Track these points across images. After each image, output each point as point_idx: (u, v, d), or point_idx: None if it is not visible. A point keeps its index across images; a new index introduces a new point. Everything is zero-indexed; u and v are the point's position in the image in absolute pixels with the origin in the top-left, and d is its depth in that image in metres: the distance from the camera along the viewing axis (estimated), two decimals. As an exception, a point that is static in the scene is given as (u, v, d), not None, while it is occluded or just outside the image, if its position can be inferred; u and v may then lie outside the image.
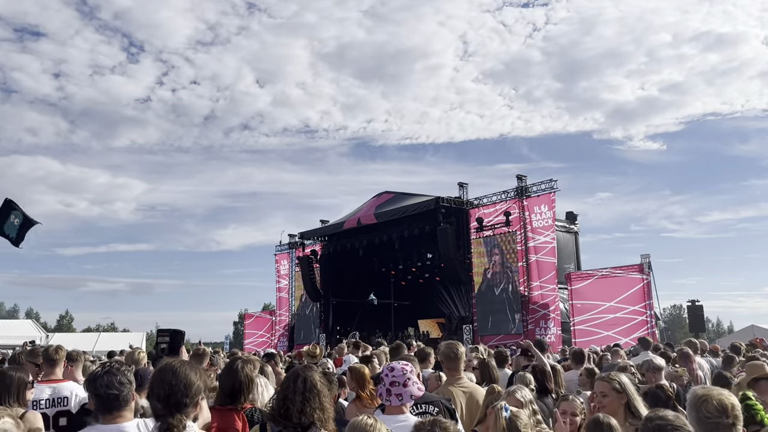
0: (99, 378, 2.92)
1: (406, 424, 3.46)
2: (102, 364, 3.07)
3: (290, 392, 3.24)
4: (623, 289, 23.28)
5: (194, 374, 2.73)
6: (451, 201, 28.11)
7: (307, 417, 3.18)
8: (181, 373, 2.68)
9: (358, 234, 31.85)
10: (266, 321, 39.88)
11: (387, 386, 3.58)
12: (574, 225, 29.81)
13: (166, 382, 2.65)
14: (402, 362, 3.78)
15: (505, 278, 26.69)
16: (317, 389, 3.29)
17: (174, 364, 2.73)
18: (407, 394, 3.58)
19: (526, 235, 26.27)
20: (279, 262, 39.43)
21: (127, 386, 2.96)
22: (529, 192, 26.72)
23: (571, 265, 27.82)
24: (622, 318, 22.87)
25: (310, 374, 3.36)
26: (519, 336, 24.99)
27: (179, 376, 2.66)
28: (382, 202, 32.09)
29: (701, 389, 2.51)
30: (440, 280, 32.75)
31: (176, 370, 2.68)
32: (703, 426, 2.40)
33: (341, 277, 33.67)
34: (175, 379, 2.65)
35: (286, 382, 3.33)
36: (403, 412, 3.58)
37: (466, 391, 4.90)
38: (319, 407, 3.24)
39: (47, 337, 31.01)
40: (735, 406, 2.43)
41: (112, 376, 2.97)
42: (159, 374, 2.70)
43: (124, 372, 3.00)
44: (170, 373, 2.67)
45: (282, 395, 3.28)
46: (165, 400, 2.61)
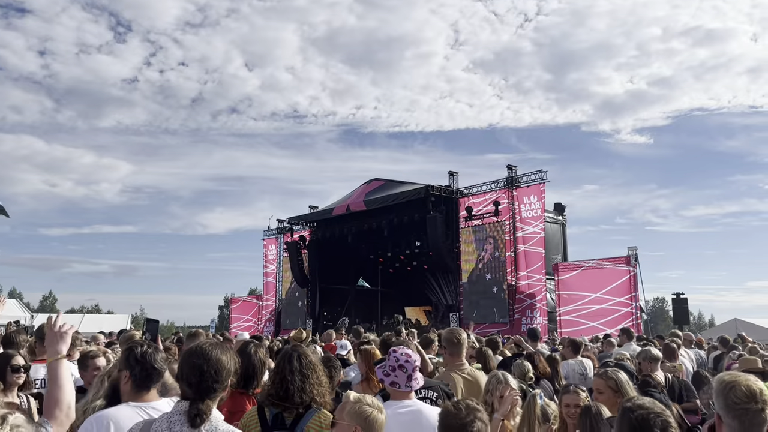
0: (144, 351, 2.95)
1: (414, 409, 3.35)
2: (135, 341, 3.13)
3: (287, 372, 3.21)
4: (609, 280, 23.34)
5: (225, 357, 2.63)
6: (441, 189, 28.02)
7: (307, 395, 3.18)
8: (212, 356, 2.57)
9: (347, 221, 31.72)
10: (253, 306, 39.73)
11: (410, 372, 3.50)
12: (562, 216, 29.86)
13: (197, 366, 2.54)
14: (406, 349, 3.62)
15: (493, 267, 26.69)
16: (313, 365, 3.30)
17: (205, 346, 2.61)
18: (418, 381, 3.55)
19: (515, 225, 26.27)
20: (267, 247, 39.23)
21: (163, 364, 3.03)
22: (518, 182, 26.69)
23: (559, 256, 27.87)
24: (607, 309, 22.94)
25: (303, 351, 3.37)
26: (505, 325, 25.07)
27: (211, 360, 2.56)
28: (372, 189, 31.94)
29: (728, 375, 2.43)
30: (428, 268, 32.75)
31: (207, 354, 2.57)
32: (731, 412, 2.33)
33: (329, 264, 33.56)
34: (206, 363, 2.55)
35: (282, 362, 3.28)
36: (410, 398, 3.47)
37: (467, 378, 4.82)
38: (317, 383, 3.25)
39: (32, 317, 30.61)
40: (763, 391, 2.38)
41: (155, 351, 3.01)
42: (189, 358, 2.59)
43: (159, 350, 3.06)
44: (201, 357, 2.56)
45: (279, 376, 3.19)
46: (196, 386, 2.51)
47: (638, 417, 2.45)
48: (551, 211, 28.95)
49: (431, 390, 4.12)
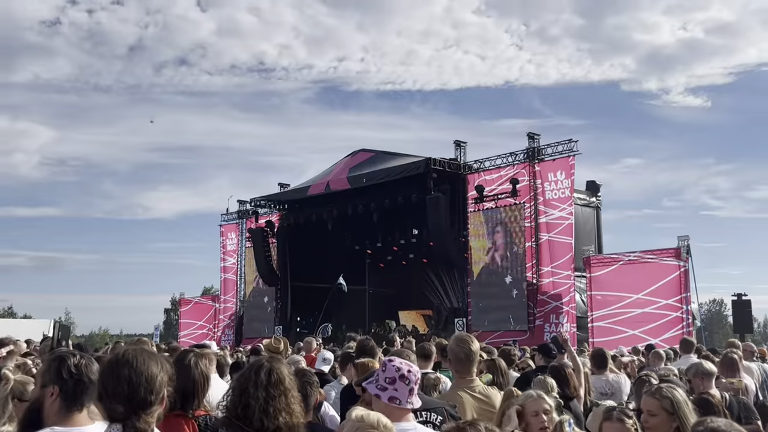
0: (79, 362, 2.94)
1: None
2: (66, 350, 3.17)
3: (251, 386, 3.17)
4: (654, 278, 23.50)
5: (155, 364, 2.72)
6: (445, 164, 28.08)
7: (271, 420, 3.12)
8: (139, 364, 2.66)
9: (327, 202, 31.72)
10: (207, 308, 39.80)
11: (412, 385, 3.56)
12: (596, 198, 30.04)
13: (124, 377, 2.62)
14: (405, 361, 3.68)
15: (509, 262, 26.84)
16: (284, 386, 3.25)
17: (128, 354, 2.70)
18: (416, 398, 3.60)
19: (537, 208, 26.41)
20: (225, 236, 39.21)
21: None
22: (542, 155, 26.79)
23: (591, 248, 28.06)
24: (651, 314, 23.13)
25: (277, 366, 3.33)
26: (523, 333, 25.30)
27: (138, 368, 2.65)
28: (358, 163, 31.96)
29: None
30: (428, 263, 32.83)
31: (133, 362, 2.66)
32: None
33: (304, 256, 33.62)
34: (134, 373, 2.63)
35: (247, 373, 3.30)
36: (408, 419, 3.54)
37: (478, 397, 4.89)
38: (286, 409, 3.20)
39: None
40: None
41: (90, 362, 3.02)
42: (111, 369, 2.67)
43: (93, 361, 3.06)
44: (126, 367, 2.64)
45: (239, 390, 3.19)
46: (127, 400, 2.58)
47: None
48: (583, 192, 29.06)
49: (434, 412, 4.19)
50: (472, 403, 4.91)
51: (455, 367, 5.17)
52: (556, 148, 26.59)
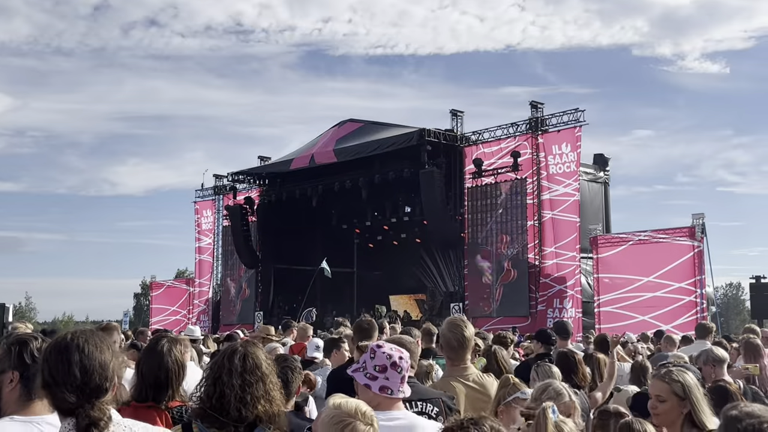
0: (41, 346, 2.92)
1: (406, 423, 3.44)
2: (26, 334, 3.16)
3: (225, 373, 3.20)
4: (667, 259, 23.67)
5: (106, 347, 2.70)
6: (440, 135, 28.06)
7: (249, 409, 3.15)
8: (88, 348, 2.64)
9: (311, 177, 31.73)
10: (181, 293, 39.81)
11: (404, 373, 3.59)
12: (604, 172, 30.13)
13: (74, 363, 2.59)
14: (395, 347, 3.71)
15: (509, 242, 26.92)
16: (261, 371, 3.25)
17: (74, 338, 2.67)
18: (407, 387, 3.63)
19: (540, 184, 26.48)
20: (200, 214, 39.18)
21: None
22: (546, 126, 26.81)
23: (598, 227, 28.11)
24: (663, 298, 23.31)
25: (252, 351, 3.34)
26: (524, 319, 25.47)
27: (87, 353, 2.63)
28: (346, 134, 31.90)
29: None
30: (422, 243, 32.95)
31: (81, 346, 2.63)
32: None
33: (286, 236, 33.66)
34: (85, 358, 2.61)
35: (220, 360, 3.30)
36: (399, 408, 3.58)
37: (473, 386, 4.93)
38: (265, 396, 3.21)
39: None
40: None
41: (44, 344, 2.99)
42: (59, 355, 2.63)
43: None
44: (75, 352, 2.61)
45: (212, 379, 3.22)
46: (79, 388, 2.56)
47: (748, 427, 2.50)
48: (590, 166, 29.15)
49: (430, 403, 4.22)
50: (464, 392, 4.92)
51: (447, 354, 5.18)
52: (561, 119, 26.61)
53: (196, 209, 39.50)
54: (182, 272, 67.66)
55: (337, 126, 33.21)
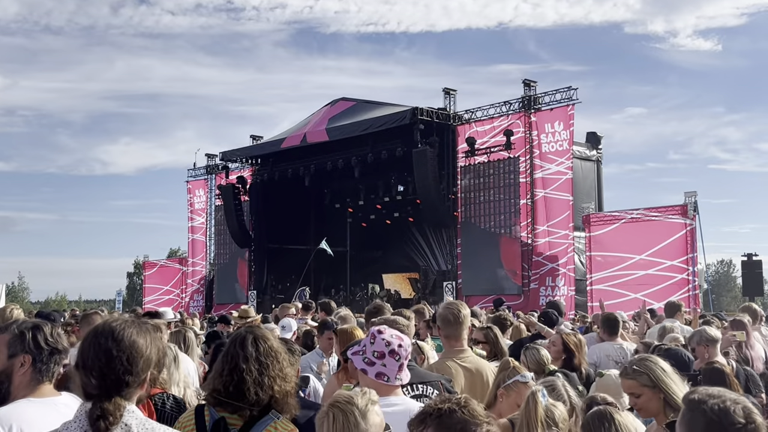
0: (52, 330, 2.94)
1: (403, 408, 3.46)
2: (37, 320, 3.18)
3: (242, 361, 3.26)
4: (659, 237, 23.77)
5: (144, 340, 2.64)
6: (433, 114, 28.03)
7: (265, 390, 3.22)
8: (125, 337, 2.59)
9: (304, 156, 31.70)
10: (174, 272, 39.91)
11: (402, 361, 3.62)
12: (597, 150, 30.17)
13: (105, 350, 2.55)
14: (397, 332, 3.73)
15: (503, 220, 26.99)
16: (275, 351, 3.35)
17: (115, 324, 2.63)
18: (408, 371, 3.67)
19: (533, 162, 26.51)
20: (192, 193, 39.15)
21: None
22: (538, 104, 26.79)
23: (591, 205, 28.25)
24: (655, 276, 23.45)
25: (261, 333, 3.43)
26: (517, 297, 25.58)
27: (123, 342, 2.57)
28: (338, 113, 31.86)
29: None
30: (415, 221, 33.04)
31: (119, 334, 2.59)
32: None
33: (279, 215, 33.69)
34: (117, 347, 2.56)
35: (232, 348, 3.35)
36: (397, 393, 3.61)
37: (470, 367, 4.96)
38: (280, 375, 3.29)
39: None
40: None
41: (55, 329, 3.06)
42: (93, 338, 2.60)
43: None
44: (110, 338, 2.57)
45: (228, 368, 3.27)
46: (100, 377, 2.53)
47: (714, 407, 2.52)
48: (582, 144, 29.16)
49: (430, 386, 4.26)
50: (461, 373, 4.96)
51: (444, 333, 5.22)
52: (554, 97, 26.59)
53: (188, 189, 39.47)
54: (175, 251, 67.68)
55: (329, 105, 33.15)
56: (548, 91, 26.90)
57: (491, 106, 28.08)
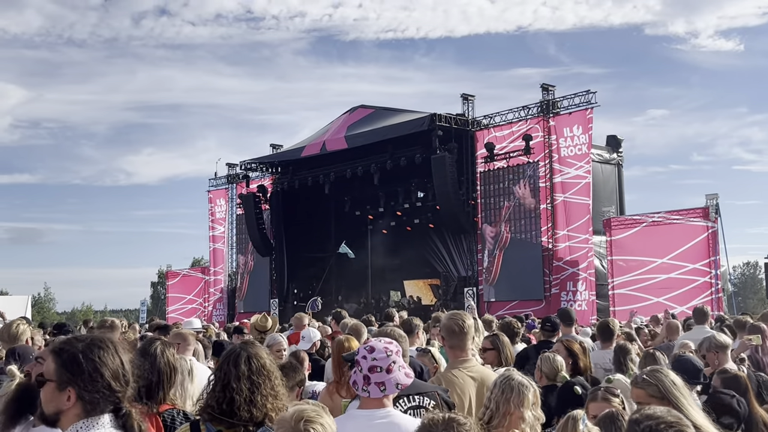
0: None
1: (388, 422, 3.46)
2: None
3: (233, 378, 3.27)
4: (681, 240, 23.64)
5: (110, 357, 2.70)
6: (452, 120, 28.04)
7: (259, 409, 3.25)
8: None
9: (323, 164, 31.78)
10: (197, 281, 40.12)
11: (365, 372, 3.56)
12: (618, 154, 29.98)
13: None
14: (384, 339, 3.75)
15: (523, 225, 26.92)
16: (267, 370, 3.37)
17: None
18: (391, 382, 3.58)
19: (552, 166, 26.42)
20: (214, 202, 39.35)
21: None
22: (557, 108, 26.74)
23: (612, 208, 28.10)
24: (678, 279, 23.30)
25: (255, 351, 3.44)
26: (538, 303, 25.51)
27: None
28: (357, 120, 31.93)
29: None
30: (435, 228, 32.97)
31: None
32: None
33: (299, 223, 33.80)
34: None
35: (225, 365, 3.37)
36: (384, 405, 3.59)
37: (476, 377, 4.94)
38: (272, 393, 3.31)
39: None
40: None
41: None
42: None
43: None
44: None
45: (221, 384, 3.29)
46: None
47: (645, 429, 2.62)
48: (602, 147, 29.02)
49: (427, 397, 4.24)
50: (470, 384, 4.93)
51: (448, 343, 5.20)
52: (573, 101, 26.52)
53: (209, 198, 39.66)
54: (198, 261, 68.02)
55: (348, 112, 33.23)
56: (567, 95, 26.89)
57: (510, 111, 28.07)
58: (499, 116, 28.32)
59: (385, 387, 3.58)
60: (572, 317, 8.48)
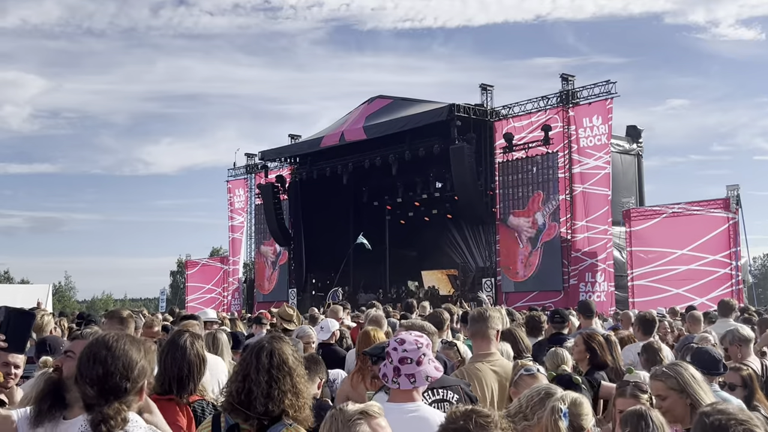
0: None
1: (418, 416, 3.51)
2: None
3: (252, 370, 3.30)
4: (701, 232, 23.53)
5: (136, 350, 2.79)
6: (470, 110, 27.99)
7: (275, 403, 3.25)
8: (117, 348, 2.75)
9: (342, 154, 31.82)
10: (216, 271, 40.31)
11: (396, 363, 3.62)
12: (637, 144, 29.85)
13: (100, 359, 2.70)
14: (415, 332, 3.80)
15: (541, 216, 26.85)
16: (288, 366, 3.35)
17: (108, 336, 2.80)
18: (421, 374, 3.64)
19: (571, 157, 26.33)
20: (233, 192, 39.49)
21: None
22: (576, 98, 26.61)
23: (631, 199, 28.00)
24: (697, 271, 23.22)
25: (279, 346, 3.43)
26: (557, 294, 25.47)
27: (116, 351, 2.73)
28: (375, 111, 31.92)
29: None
30: (453, 218, 32.98)
31: (111, 345, 2.75)
32: None
33: (318, 213, 33.85)
34: (110, 355, 2.71)
35: (248, 357, 3.41)
36: (413, 399, 3.64)
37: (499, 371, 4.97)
38: (292, 390, 3.31)
39: None
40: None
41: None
42: (90, 349, 2.75)
43: None
44: (104, 348, 2.73)
45: (241, 375, 3.33)
46: (99, 384, 2.66)
47: (714, 422, 2.61)
48: (622, 138, 28.90)
49: (450, 390, 4.30)
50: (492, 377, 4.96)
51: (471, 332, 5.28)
52: (592, 91, 26.40)
53: (228, 188, 39.81)
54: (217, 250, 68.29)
55: (366, 103, 33.23)
56: (586, 85, 26.76)
57: (529, 101, 27.98)
58: (518, 106, 28.24)
59: (415, 379, 3.63)
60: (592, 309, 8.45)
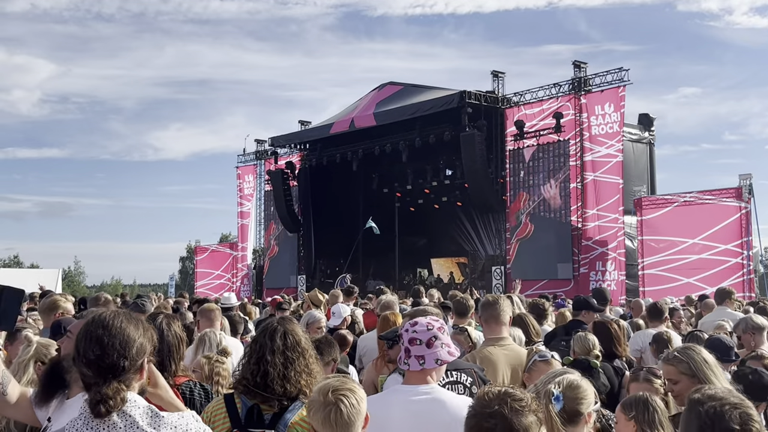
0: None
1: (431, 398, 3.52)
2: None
3: (268, 352, 3.33)
4: (713, 221, 23.45)
5: (134, 328, 2.75)
6: (481, 97, 27.90)
7: (293, 384, 3.30)
8: (114, 326, 2.70)
9: (352, 141, 31.79)
10: (225, 257, 40.41)
11: (406, 345, 3.64)
12: (649, 132, 29.74)
13: (96, 338, 2.66)
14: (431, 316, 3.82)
15: (552, 204, 26.81)
16: (301, 347, 3.43)
17: (105, 315, 2.76)
18: (431, 357, 3.64)
19: (583, 145, 26.23)
20: (242, 178, 39.52)
21: None
22: (589, 86, 26.47)
23: (643, 188, 27.91)
24: (708, 260, 23.17)
25: (291, 327, 3.49)
26: (567, 283, 25.44)
27: (112, 330, 2.69)
28: (385, 97, 31.89)
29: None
30: (463, 206, 32.96)
31: (108, 323, 2.71)
32: None
33: (327, 200, 33.90)
34: (107, 334, 2.67)
35: (261, 338, 3.43)
36: (427, 381, 3.64)
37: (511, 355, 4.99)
38: (306, 370, 3.35)
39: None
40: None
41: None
42: (86, 328, 2.72)
43: None
44: (100, 327, 2.69)
45: (256, 356, 3.35)
46: (96, 363, 2.63)
47: (709, 411, 2.58)
48: (634, 126, 28.78)
49: (464, 373, 4.33)
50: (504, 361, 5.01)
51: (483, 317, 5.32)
52: (605, 78, 26.24)
53: (238, 174, 39.83)
54: (226, 236, 68.49)
55: (376, 89, 33.18)
56: (599, 73, 26.57)
57: (540, 88, 27.84)
58: (530, 93, 28.11)
59: (424, 360, 3.63)
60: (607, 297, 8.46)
